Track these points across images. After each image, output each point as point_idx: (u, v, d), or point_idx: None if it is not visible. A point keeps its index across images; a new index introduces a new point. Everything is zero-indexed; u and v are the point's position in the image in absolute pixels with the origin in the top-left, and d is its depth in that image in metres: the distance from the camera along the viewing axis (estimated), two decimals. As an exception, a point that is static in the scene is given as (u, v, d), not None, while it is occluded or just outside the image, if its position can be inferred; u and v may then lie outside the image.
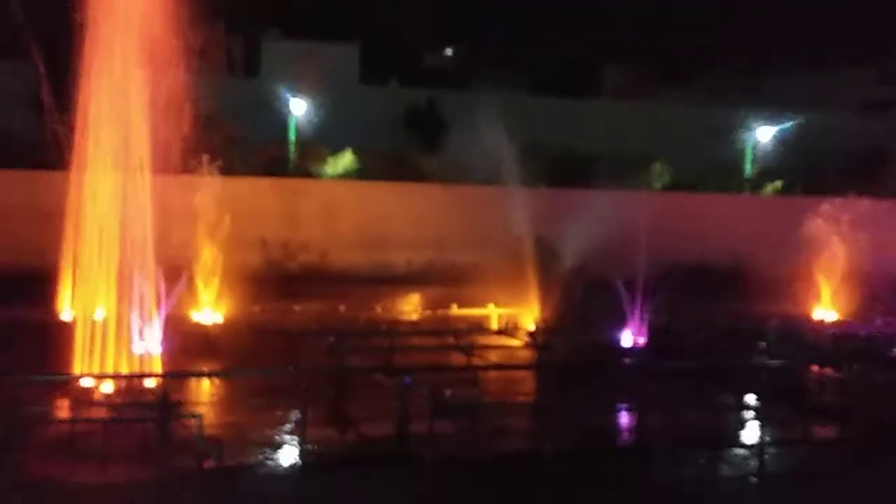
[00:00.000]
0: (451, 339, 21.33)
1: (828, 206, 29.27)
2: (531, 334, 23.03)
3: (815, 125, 49.40)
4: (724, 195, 42.69)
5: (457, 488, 11.38)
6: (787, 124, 48.59)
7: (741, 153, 48.13)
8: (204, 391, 16.51)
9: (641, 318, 21.53)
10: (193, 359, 18.39)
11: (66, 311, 20.17)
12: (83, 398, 13.82)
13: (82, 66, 16.71)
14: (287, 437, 13.48)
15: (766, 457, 12.91)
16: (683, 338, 21.98)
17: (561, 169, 39.55)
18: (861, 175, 39.76)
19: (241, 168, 34.70)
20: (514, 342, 22.69)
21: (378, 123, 44.15)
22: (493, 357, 20.52)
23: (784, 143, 48.28)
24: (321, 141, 41.52)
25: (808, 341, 21.45)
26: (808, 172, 44.04)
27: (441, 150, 40.48)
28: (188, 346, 18.32)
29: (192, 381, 16.74)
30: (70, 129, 17.24)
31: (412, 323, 26.32)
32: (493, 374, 18.20)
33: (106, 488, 10.68)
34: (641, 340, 21.11)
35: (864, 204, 29.21)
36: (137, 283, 15.89)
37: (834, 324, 23.14)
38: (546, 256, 26.31)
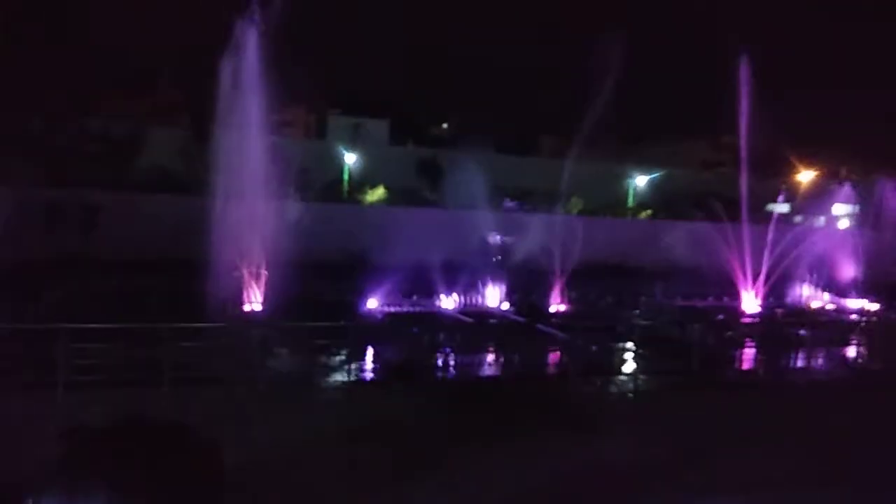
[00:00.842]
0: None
1: (679, 225, 29.42)
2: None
3: (672, 175, 49.63)
4: (615, 219, 42.82)
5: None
6: (655, 174, 48.75)
7: (626, 191, 48.28)
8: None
9: (564, 294, 21.42)
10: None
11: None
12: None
13: (219, 128, 16.79)
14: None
15: (639, 381, 13.03)
16: (590, 306, 22.05)
17: (514, 200, 39.77)
18: (699, 207, 39.89)
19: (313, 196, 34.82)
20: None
21: (400, 170, 44.10)
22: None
23: (653, 186, 48.44)
24: (363, 180, 41.70)
25: (666, 309, 21.37)
26: (667, 205, 44.19)
27: (441, 188, 40.67)
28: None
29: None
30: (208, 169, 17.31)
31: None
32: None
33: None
34: (563, 308, 21.00)
35: (702, 225, 29.31)
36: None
37: (683, 299, 23.07)
38: (505, 254, 26.30)
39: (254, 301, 17.04)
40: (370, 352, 14.61)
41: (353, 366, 12.93)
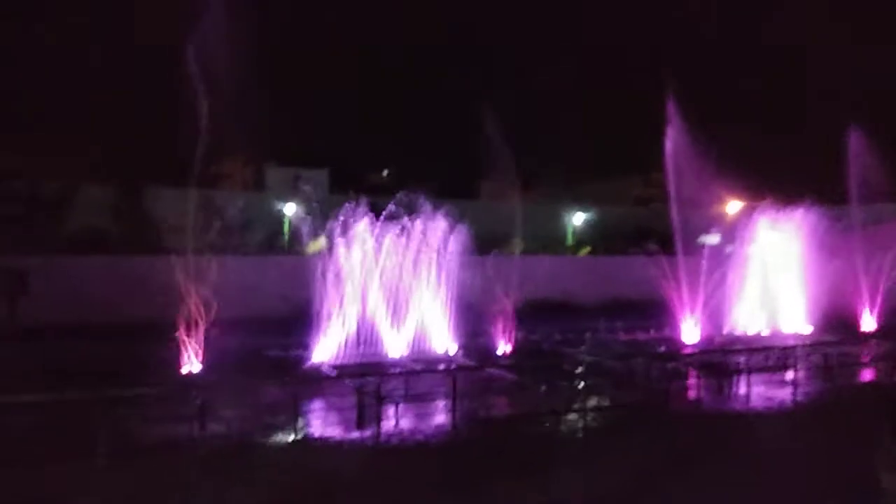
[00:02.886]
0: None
1: (617, 260, 29.86)
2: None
3: (608, 212, 51.14)
4: (555, 256, 43.48)
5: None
6: (591, 212, 50.10)
7: (565, 230, 49.33)
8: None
9: (508, 334, 21.37)
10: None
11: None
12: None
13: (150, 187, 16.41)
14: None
15: (588, 419, 13.09)
16: (536, 345, 22.08)
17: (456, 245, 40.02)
18: (636, 244, 41.19)
19: (252, 249, 34.34)
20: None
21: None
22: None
23: (590, 223, 49.68)
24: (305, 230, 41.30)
25: (609, 344, 21.60)
26: (605, 241, 45.28)
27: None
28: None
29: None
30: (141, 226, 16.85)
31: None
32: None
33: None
34: (509, 349, 20.90)
35: (639, 260, 30.08)
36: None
37: (625, 333, 23.40)
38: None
39: (193, 362, 16.42)
40: (317, 407, 14.23)
41: (300, 423, 12.55)
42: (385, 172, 73.16)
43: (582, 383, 15.42)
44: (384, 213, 21.36)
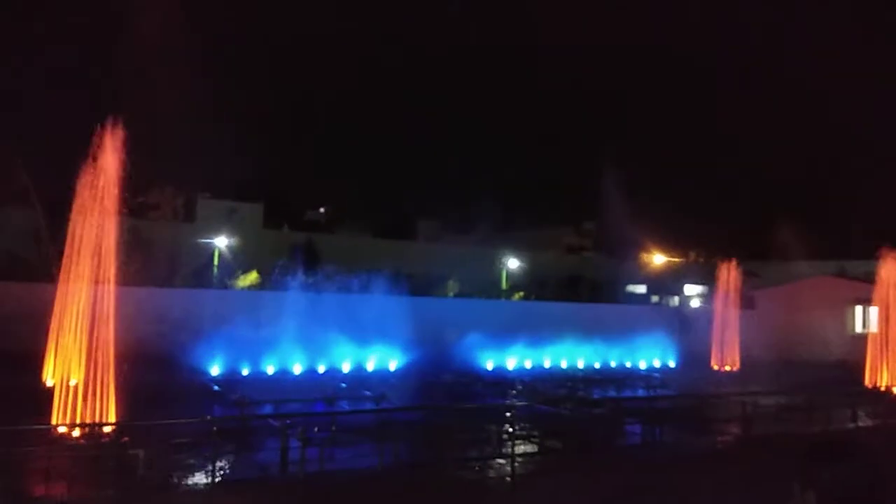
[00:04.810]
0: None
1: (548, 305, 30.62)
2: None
3: (541, 259, 52.14)
4: (490, 300, 43.83)
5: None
6: (525, 259, 50.95)
7: (500, 274, 49.92)
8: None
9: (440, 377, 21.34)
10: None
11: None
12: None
13: (73, 214, 15.67)
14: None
15: (516, 464, 13.04)
16: (467, 388, 22.05)
17: (391, 284, 39.89)
18: (566, 289, 42.18)
19: (179, 282, 33.24)
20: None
21: (274, 254, 43.12)
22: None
23: (524, 269, 50.48)
24: (236, 264, 40.29)
25: (539, 389, 21.76)
26: (537, 286, 45.97)
27: (314, 272, 40.22)
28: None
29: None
30: (61, 254, 16.02)
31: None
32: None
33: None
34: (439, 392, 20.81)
35: (570, 306, 30.69)
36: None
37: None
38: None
39: (108, 400, 15.53)
40: (237, 448, 13.66)
41: (219, 465, 11.99)
42: (322, 210, 72.53)
43: (510, 428, 15.39)
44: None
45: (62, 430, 13.26)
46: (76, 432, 13.30)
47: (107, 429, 13.59)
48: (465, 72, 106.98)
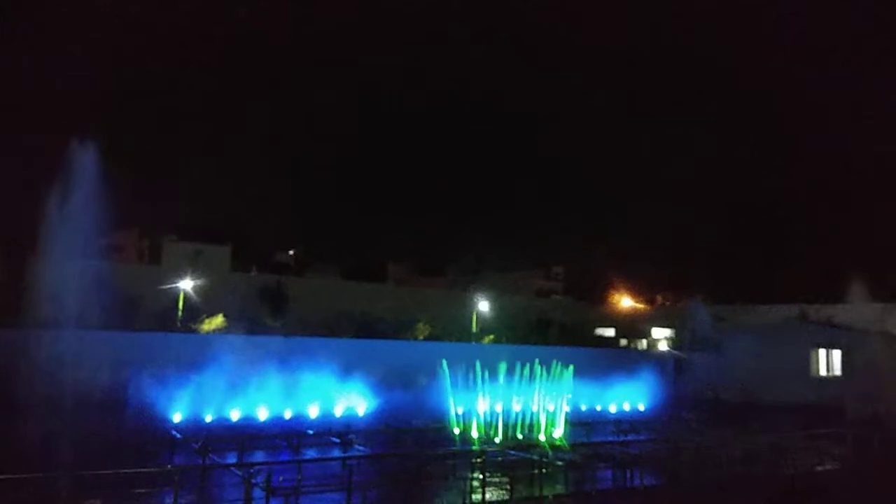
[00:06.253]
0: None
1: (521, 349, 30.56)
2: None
3: (511, 302, 52.28)
4: (459, 343, 43.59)
5: None
6: (495, 302, 50.96)
7: (470, 317, 49.78)
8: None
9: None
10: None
11: None
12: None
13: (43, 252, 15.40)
14: None
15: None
16: (440, 431, 21.74)
17: (362, 326, 39.59)
18: (536, 333, 42.37)
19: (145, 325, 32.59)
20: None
21: (242, 297, 42.48)
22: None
23: (494, 312, 50.29)
24: (202, 308, 39.58)
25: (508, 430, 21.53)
26: (508, 329, 45.83)
27: (284, 315, 39.84)
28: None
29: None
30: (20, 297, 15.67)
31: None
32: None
33: None
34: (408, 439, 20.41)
35: (543, 349, 30.71)
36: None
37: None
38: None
39: (63, 446, 14.95)
40: (199, 499, 13.21)
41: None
42: (291, 252, 72.08)
43: (480, 475, 15.18)
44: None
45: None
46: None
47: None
48: (435, 114, 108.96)
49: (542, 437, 20.96)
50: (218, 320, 37.41)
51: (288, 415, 23.67)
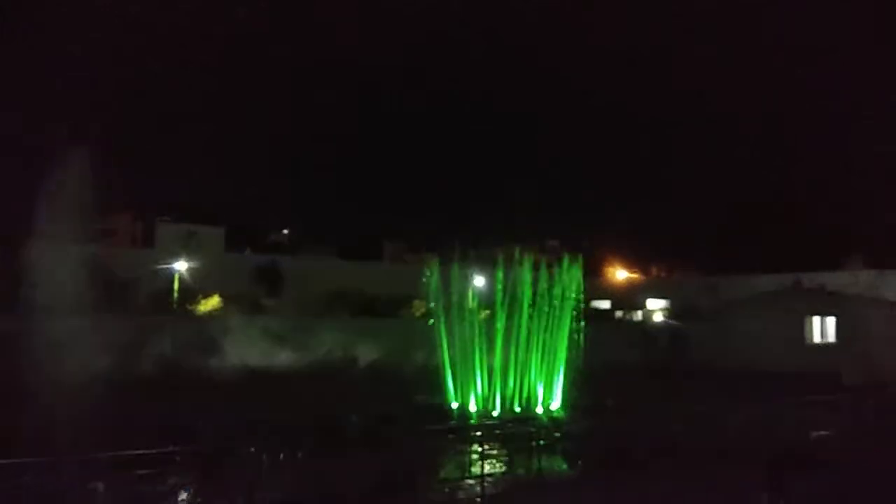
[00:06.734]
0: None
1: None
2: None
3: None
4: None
5: None
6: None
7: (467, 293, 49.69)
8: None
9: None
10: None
11: None
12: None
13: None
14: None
15: (486, 484, 12.92)
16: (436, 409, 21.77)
17: (359, 306, 39.59)
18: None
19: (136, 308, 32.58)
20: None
21: (236, 277, 42.43)
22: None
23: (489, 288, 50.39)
24: (197, 289, 39.49)
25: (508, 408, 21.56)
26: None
27: (279, 295, 39.79)
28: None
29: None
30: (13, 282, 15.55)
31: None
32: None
33: None
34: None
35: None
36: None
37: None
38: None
39: (65, 430, 14.95)
40: (202, 477, 13.23)
41: (184, 496, 11.61)
42: (286, 231, 71.86)
43: (479, 448, 15.25)
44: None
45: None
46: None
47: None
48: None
49: (539, 410, 21.08)
50: (214, 301, 37.35)
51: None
